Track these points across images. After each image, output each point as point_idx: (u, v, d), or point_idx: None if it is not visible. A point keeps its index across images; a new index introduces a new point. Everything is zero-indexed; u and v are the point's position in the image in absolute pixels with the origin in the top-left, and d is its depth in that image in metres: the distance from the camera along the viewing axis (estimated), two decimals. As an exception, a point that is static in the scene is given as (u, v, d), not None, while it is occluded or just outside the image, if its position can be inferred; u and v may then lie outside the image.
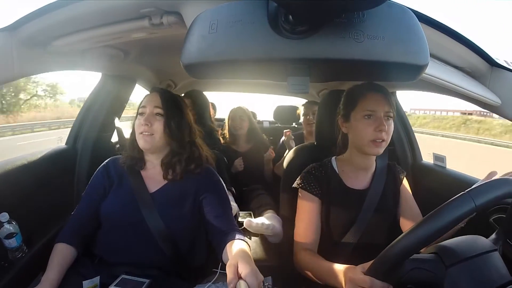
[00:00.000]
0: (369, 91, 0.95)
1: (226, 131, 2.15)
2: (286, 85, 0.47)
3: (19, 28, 0.79)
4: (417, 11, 0.55)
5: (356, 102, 0.96)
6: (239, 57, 0.43)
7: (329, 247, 0.98)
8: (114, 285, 0.87)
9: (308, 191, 1.00)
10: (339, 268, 0.79)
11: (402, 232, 0.61)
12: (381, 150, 0.94)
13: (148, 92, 1.07)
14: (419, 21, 0.44)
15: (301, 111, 2.14)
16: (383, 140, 0.91)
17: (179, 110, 1.03)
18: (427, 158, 1.64)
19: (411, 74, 0.47)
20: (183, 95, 2.11)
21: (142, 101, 1.03)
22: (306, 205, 1.00)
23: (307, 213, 0.99)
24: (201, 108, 1.98)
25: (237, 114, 2.08)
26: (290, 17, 0.41)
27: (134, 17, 0.77)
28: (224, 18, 0.43)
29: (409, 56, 0.43)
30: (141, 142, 0.98)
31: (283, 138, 1.94)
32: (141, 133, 0.97)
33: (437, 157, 1.41)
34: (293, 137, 1.91)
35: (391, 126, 0.93)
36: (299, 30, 0.41)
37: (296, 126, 2.99)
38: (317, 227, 0.99)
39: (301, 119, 2.12)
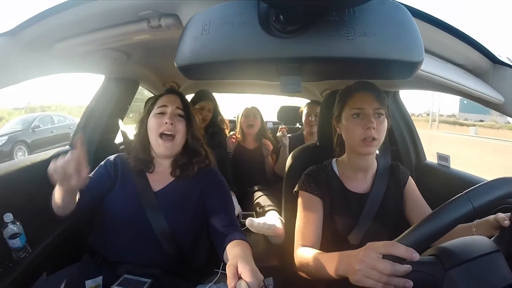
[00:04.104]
0: (357, 90, 0.94)
1: (237, 129, 2.22)
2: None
3: (21, 32, 0.80)
4: (412, 7, 0.55)
5: (345, 102, 0.96)
6: (231, 58, 0.43)
7: (330, 251, 0.97)
8: (116, 285, 0.88)
9: (307, 191, 0.98)
10: (346, 252, 0.71)
11: None
12: (373, 150, 0.92)
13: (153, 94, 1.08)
14: (415, 17, 0.43)
15: (303, 110, 2.13)
16: (374, 139, 0.90)
17: (192, 112, 1.06)
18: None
19: (406, 72, 0.46)
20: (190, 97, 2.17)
21: (157, 101, 1.03)
22: (306, 204, 0.98)
23: (307, 211, 0.97)
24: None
25: (251, 112, 2.18)
26: (281, 16, 0.41)
27: (133, 20, 0.78)
28: (216, 19, 0.43)
29: (402, 52, 0.42)
30: (162, 149, 0.98)
31: (279, 133, 1.92)
32: (163, 133, 0.97)
33: (441, 157, 1.39)
34: (287, 134, 1.90)
35: (382, 124, 0.91)
36: (290, 29, 0.41)
37: (299, 126, 2.98)
38: (317, 226, 0.95)
39: (303, 119, 2.11)
